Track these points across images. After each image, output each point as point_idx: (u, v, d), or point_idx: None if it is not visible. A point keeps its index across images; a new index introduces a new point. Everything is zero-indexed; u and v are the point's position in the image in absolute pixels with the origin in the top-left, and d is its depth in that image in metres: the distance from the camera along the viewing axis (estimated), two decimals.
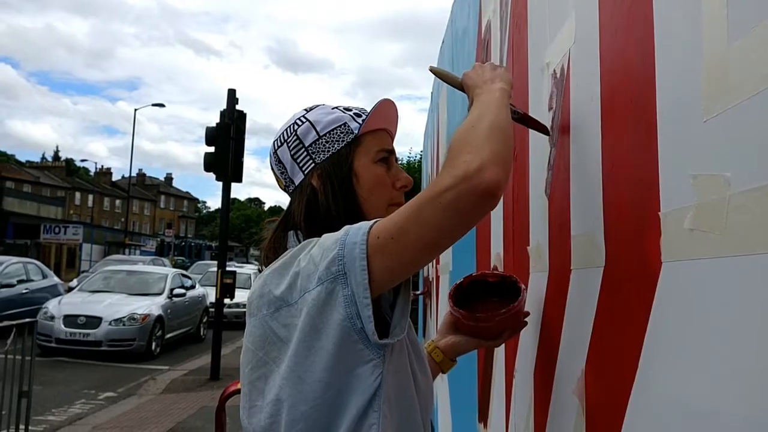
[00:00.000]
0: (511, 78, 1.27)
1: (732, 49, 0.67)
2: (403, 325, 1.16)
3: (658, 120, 0.85)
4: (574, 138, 1.23)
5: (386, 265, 1.07)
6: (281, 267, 1.17)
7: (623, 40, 1.01)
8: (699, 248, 0.73)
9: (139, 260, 25.04)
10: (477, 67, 1.30)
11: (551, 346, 1.34)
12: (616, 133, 1.02)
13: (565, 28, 1.29)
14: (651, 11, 0.89)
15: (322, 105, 1.35)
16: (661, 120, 0.85)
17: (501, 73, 1.25)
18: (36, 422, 6.66)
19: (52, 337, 11.13)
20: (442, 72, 1.46)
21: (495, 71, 1.26)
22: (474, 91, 1.23)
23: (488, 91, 1.19)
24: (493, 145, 1.04)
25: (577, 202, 1.21)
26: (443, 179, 1.02)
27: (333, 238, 1.11)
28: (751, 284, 0.62)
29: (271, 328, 1.15)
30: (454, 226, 1.04)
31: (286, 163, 1.30)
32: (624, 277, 0.97)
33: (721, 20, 0.69)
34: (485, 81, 1.23)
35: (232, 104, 10.05)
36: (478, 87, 1.23)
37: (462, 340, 1.49)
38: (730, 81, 0.67)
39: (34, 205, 42.27)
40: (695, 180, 0.74)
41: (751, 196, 0.62)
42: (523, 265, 1.66)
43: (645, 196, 0.88)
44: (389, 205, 1.29)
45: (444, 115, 3.97)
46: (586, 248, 1.13)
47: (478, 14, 2.52)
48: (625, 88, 0.98)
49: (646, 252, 0.87)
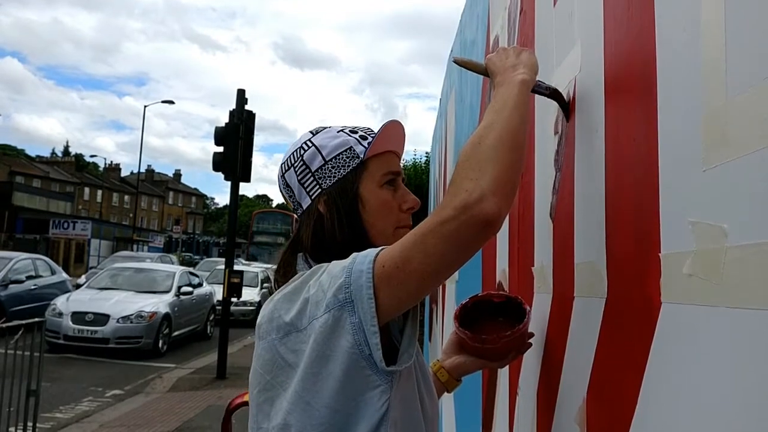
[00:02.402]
0: (536, 61, 1.24)
1: (731, 102, 0.68)
2: (411, 351, 1.17)
3: (659, 161, 0.86)
4: (578, 166, 1.25)
5: (393, 293, 1.09)
6: (291, 293, 1.18)
7: (628, 77, 1.02)
8: (697, 294, 0.74)
9: (147, 257, 25.19)
10: (501, 51, 1.26)
11: (554, 370, 1.35)
12: (619, 169, 1.03)
13: (572, 55, 1.30)
14: (654, 61, 0.90)
15: (329, 128, 1.35)
16: (662, 161, 0.86)
17: (525, 59, 1.22)
18: (44, 419, 6.70)
19: (60, 334, 11.20)
20: (467, 61, 1.41)
21: (519, 57, 1.23)
22: (496, 78, 1.22)
23: (508, 83, 1.17)
24: (497, 168, 1.04)
25: (580, 230, 1.22)
26: (445, 210, 1.04)
27: (340, 266, 1.13)
28: (745, 338, 0.64)
29: (279, 353, 1.16)
30: (456, 255, 1.07)
31: (294, 187, 1.31)
32: (625, 312, 0.98)
33: (720, 73, 0.70)
34: (506, 68, 1.21)
35: (242, 104, 10.08)
36: (499, 74, 1.21)
37: (467, 361, 1.50)
38: (730, 134, 0.68)
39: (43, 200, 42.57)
40: (694, 227, 0.75)
41: (747, 251, 0.64)
42: (528, 284, 1.68)
43: (647, 234, 0.89)
44: (396, 229, 1.30)
45: (452, 121, 3.98)
46: (589, 277, 1.15)
47: (486, 28, 2.53)
48: (628, 127, 1.00)
49: (647, 290, 0.88)
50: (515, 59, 1.22)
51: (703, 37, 0.75)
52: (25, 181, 51.68)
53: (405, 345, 1.18)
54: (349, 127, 1.35)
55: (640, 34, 0.96)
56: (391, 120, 1.32)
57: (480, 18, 2.69)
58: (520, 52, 1.24)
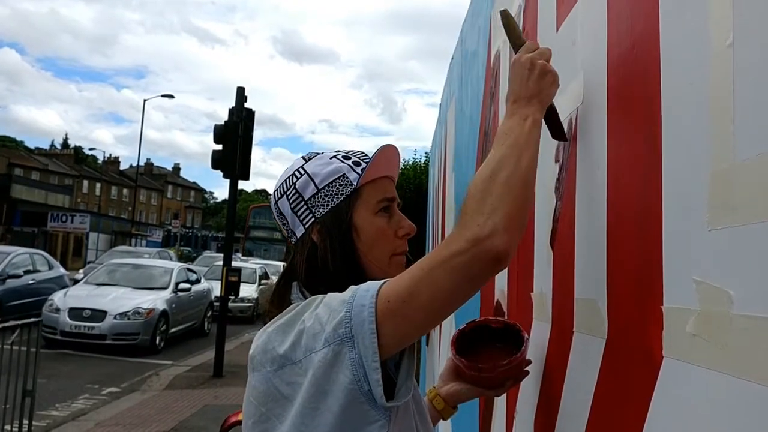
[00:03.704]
0: (555, 90, 1.20)
1: (738, 165, 0.66)
2: (408, 386, 1.16)
3: (663, 211, 0.85)
4: (579, 200, 1.23)
5: (397, 329, 1.07)
6: (285, 324, 1.17)
7: (632, 117, 1.00)
8: (701, 356, 0.72)
9: (145, 252, 25.15)
10: (527, 64, 1.18)
11: (553, 400, 1.33)
12: (622, 211, 1.01)
13: (574, 85, 1.28)
14: (659, 102, 0.88)
15: (321, 154, 1.33)
16: (666, 212, 0.84)
17: (545, 88, 1.18)
18: (39, 417, 6.69)
19: (57, 330, 11.22)
20: (512, 24, 1.32)
21: (540, 82, 1.17)
22: (510, 100, 1.18)
23: (520, 118, 1.14)
24: (509, 204, 1.04)
25: (581, 265, 1.20)
26: (455, 242, 1.03)
27: (339, 299, 1.11)
28: (750, 411, 0.62)
29: (274, 385, 1.15)
30: (464, 289, 1.06)
31: (287, 215, 1.29)
32: (626, 358, 0.96)
33: (728, 135, 0.68)
34: (522, 97, 1.16)
35: (241, 102, 10.06)
36: (514, 100, 1.17)
37: (464, 389, 1.48)
38: (738, 199, 0.66)
39: (42, 193, 42.48)
40: (698, 285, 0.73)
41: (756, 323, 0.62)
42: (526, 308, 1.66)
43: (649, 283, 0.88)
44: (392, 256, 1.28)
45: (452, 130, 3.96)
46: (590, 315, 1.13)
47: (488, 42, 2.51)
48: (632, 170, 0.98)
49: (649, 341, 0.86)
50: (535, 86, 1.17)
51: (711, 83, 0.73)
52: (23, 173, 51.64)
53: (402, 379, 1.16)
54: (342, 153, 1.33)
55: (646, 74, 0.94)
56: (384, 145, 1.31)
57: (482, 30, 2.67)
58: (544, 74, 1.18)
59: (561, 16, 1.44)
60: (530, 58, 1.19)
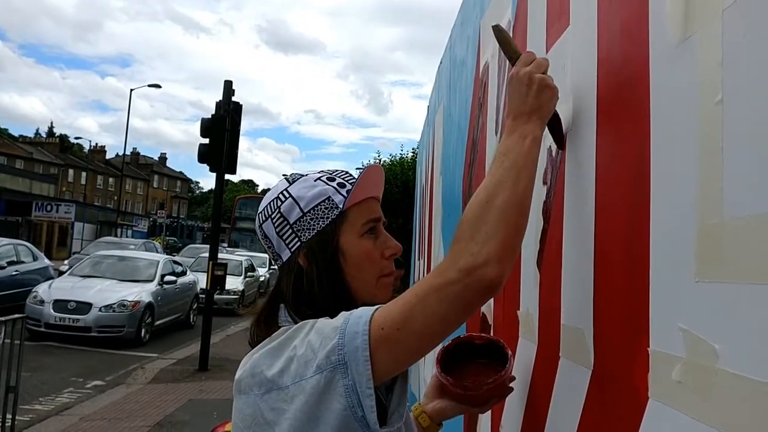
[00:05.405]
0: (554, 106, 1.19)
1: (727, 222, 0.67)
2: (401, 411, 1.17)
3: (651, 257, 0.85)
4: (567, 228, 1.24)
5: (391, 356, 1.07)
6: (275, 348, 1.16)
7: (620, 152, 1.01)
8: (685, 404, 0.73)
9: (131, 243, 24.95)
10: (524, 80, 1.18)
11: (537, 423, 1.34)
12: (611, 249, 1.02)
13: (563, 111, 1.29)
14: (648, 144, 0.88)
15: (305, 176, 1.32)
16: (654, 258, 0.85)
17: (545, 103, 1.17)
18: (23, 411, 6.65)
19: (42, 322, 11.11)
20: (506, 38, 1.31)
21: (540, 97, 1.16)
22: (510, 117, 1.18)
23: (519, 136, 1.13)
24: (504, 232, 1.04)
25: (568, 291, 1.21)
26: (449, 271, 1.04)
27: (331, 326, 1.11)
28: None
29: (260, 409, 1.15)
30: (457, 316, 1.07)
31: (272, 239, 1.29)
32: (612, 394, 0.97)
33: (717, 192, 0.68)
34: (521, 114, 1.16)
35: (228, 96, 10.00)
36: (514, 116, 1.16)
37: (448, 406, 1.49)
38: (727, 255, 0.67)
39: (26, 182, 42.13)
40: (684, 334, 0.74)
41: (740, 383, 0.62)
42: (512, 324, 1.67)
43: (636, 323, 0.88)
44: (379, 278, 1.28)
45: (440, 134, 3.96)
46: (576, 344, 1.14)
47: (476, 52, 2.51)
48: (619, 209, 0.98)
49: (635, 380, 0.87)
50: (535, 102, 1.16)
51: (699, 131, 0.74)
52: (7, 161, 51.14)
53: (395, 404, 1.17)
54: (326, 174, 1.32)
55: (638, 122, 0.94)
56: (368, 165, 1.32)
57: (470, 39, 2.66)
58: (543, 89, 1.17)
59: (551, 39, 1.44)
60: (528, 73, 1.18)
